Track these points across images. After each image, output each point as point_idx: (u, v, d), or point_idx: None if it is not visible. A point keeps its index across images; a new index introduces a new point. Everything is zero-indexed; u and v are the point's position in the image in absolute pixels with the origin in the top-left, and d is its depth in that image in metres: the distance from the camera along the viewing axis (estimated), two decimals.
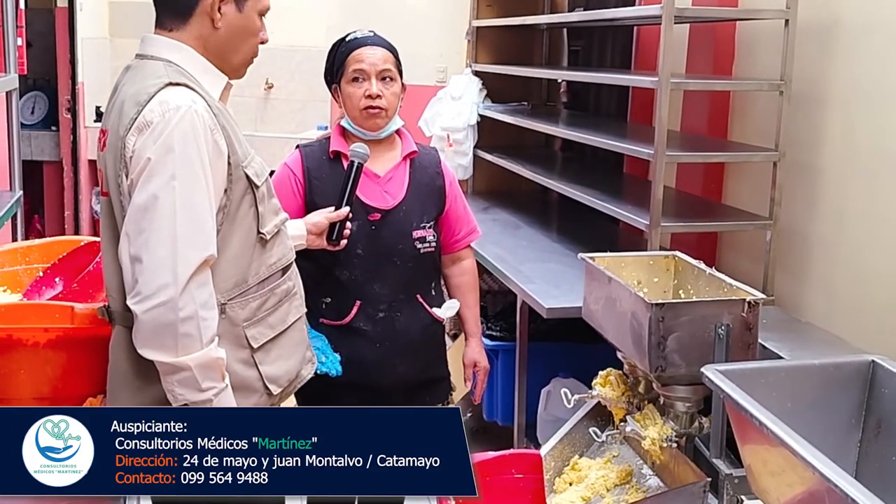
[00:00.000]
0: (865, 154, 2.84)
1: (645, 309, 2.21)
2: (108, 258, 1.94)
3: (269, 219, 1.97)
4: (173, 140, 1.77)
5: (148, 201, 1.76)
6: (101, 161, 1.91)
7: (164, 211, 1.76)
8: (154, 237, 1.75)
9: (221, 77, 1.96)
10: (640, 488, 2.40)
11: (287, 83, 6.23)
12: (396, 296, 2.56)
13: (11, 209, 2.79)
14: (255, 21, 1.97)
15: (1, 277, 2.60)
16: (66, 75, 5.78)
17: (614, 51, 4.79)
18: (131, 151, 1.80)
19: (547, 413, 3.57)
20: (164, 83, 1.82)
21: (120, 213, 1.85)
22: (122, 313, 1.91)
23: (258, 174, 1.94)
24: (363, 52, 2.55)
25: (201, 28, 1.91)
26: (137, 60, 1.94)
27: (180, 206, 1.76)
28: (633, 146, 3.26)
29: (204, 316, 1.78)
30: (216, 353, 1.82)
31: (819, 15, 3.05)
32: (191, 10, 1.90)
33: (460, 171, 4.90)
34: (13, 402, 2.17)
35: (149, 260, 1.75)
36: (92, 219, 6.11)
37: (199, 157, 1.79)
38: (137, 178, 1.78)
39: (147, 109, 1.80)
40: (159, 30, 1.94)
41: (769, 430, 1.63)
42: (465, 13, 5.36)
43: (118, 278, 1.89)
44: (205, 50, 1.93)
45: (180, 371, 1.78)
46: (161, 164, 1.76)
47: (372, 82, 2.53)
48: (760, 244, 3.16)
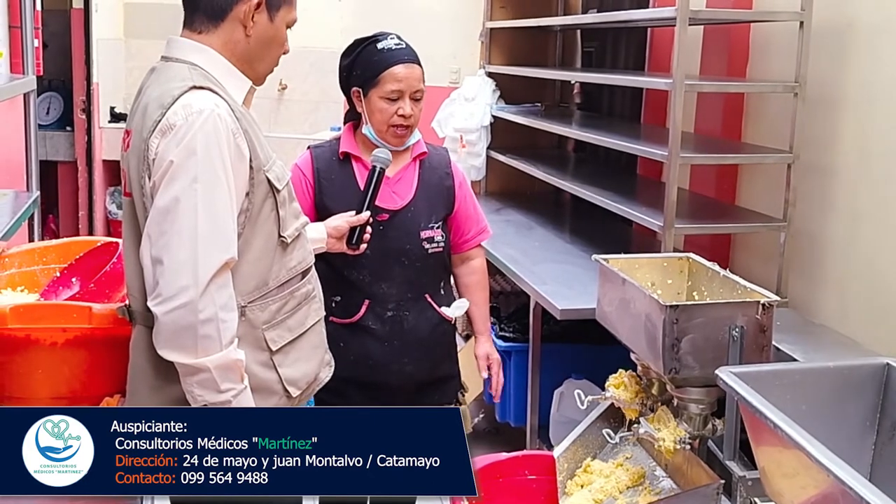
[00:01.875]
0: (880, 156, 2.83)
1: (659, 311, 2.21)
2: (129, 258, 1.95)
3: (289, 222, 1.98)
4: (196, 143, 1.78)
5: (170, 204, 1.77)
6: (125, 161, 1.92)
7: (185, 213, 1.77)
8: (175, 239, 1.76)
9: (245, 81, 1.97)
10: (652, 490, 2.40)
11: (300, 84, 6.24)
12: (404, 295, 2.58)
13: (29, 210, 2.81)
14: (282, 32, 1.98)
15: (18, 277, 2.61)
16: (81, 76, 5.80)
17: (628, 52, 4.79)
18: (154, 154, 1.81)
19: (560, 414, 3.57)
20: (188, 86, 1.83)
21: (142, 214, 1.86)
22: (143, 313, 1.92)
23: (279, 178, 1.95)
24: (401, 72, 2.52)
25: (232, 33, 1.93)
26: (162, 63, 1.95)
27: (202, 209, 1.77)
28: (646, 148, 3.26)
29: (223, 318, 1.79)
30: (235, 354, 1.83)
31: (834, 17, 3.04)
32: (224, 15, 1.92)
33: (473, 172, 4.91)
34: (31, 402, 2.19)
35: (170, 262, 1.76)
36: (106, 219, 6.14)
37: (221, 160, 1.80)
38: (160, 180, 1.79)
39: (171, 112, 1.80)
40: (187, 31, 1.95)
41: (784, 432, 1.62)
42: (479, 15, 5.37)
43: (139, 278, 1.90)
44: (231, 55, 1.94)
45: (200, 372, 1.80)
46: (183, 166, 1.77)
47: (406, 102, 2.53)
48: (774, 246, 3.15)
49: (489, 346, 2.81)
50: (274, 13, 1.95)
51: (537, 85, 5.07)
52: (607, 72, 4.53)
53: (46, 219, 5.92)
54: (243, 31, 1.92)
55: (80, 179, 5.99)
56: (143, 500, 1.59)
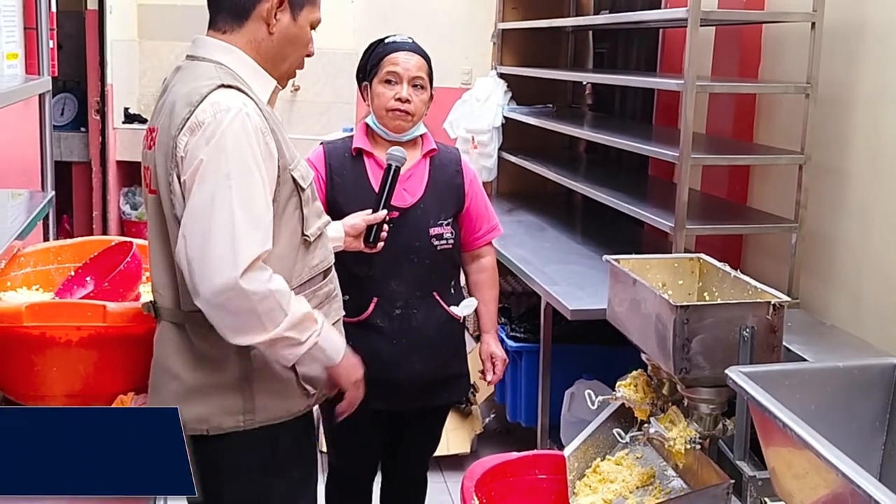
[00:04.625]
0: (892, 157, 2.83)
1: (669, 311, 2.21)
2: (155, 255, 1.97)
3: (312, 221, 2.00)
4: (226, 140, 1.79)
5: (205, 201, 1.78)
6: (149, 159, 1.94)
7: (221, 209, 1.78)
8: (213, 236, 1.77)
9: (270, 80, 1.99)
10: (663, 490, 2.41)
11: (313, 85, 6.25)
12: (413, 293, 2.60)
13: (44, 209, 2.83)
14: (306, 31, 2.01)
15: (34, 276, 2.64)
16: (95, 77, 5.83)
17: (640, 53, 4.79)
18: (183, 151, 1.82)
19: (570, 415, 3.57)
20: (216, 84, 1.85)
21: (169, 211, 1.88)
22: (170, 309, 1.95)
23: (304, 177, 1.97)
24: (399, 57, 2.60)
25: (256, 32, 1.95)
26: (188, 61, 1.97)
27: (237, 204, 1.78)
28: (658, 149, 3.26)
29: (274, 287, 1.81)
30: (299, 308, 1.87)
31: (845, 18, 3.04)
32: (247, 14, 1.94)
33: (485, 172, 4.91)
34: (46, 399, 2.21)
35: (209, 257, 1.77)
36: (120, 219, 6.16)
37: (252, 156, 1.82)
38: (191, 179, 1.80)
39: (199, 110, 1.82)
40: (212, 31, 1.97)
41: (794, 432, 1.63)
42: (491, 16, 5.38)
43: (167, 275, 1.92)
44: (256, 54, 1.96)
45: (280, 341, 1.85)
46: (215, 164, 1.79)
47: (403, 86, 2.58)
48: (786, 247, 3.15)
49: (495, 345, 2.83)
50: (297, 12, 1.97)
51: (549, 86, 5.08)
52: (619, 73, 4.53)
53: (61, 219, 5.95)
54: (266, 29, 1.94)
55: (94, 180, 6.01)
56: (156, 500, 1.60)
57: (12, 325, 2.15)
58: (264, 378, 1.96)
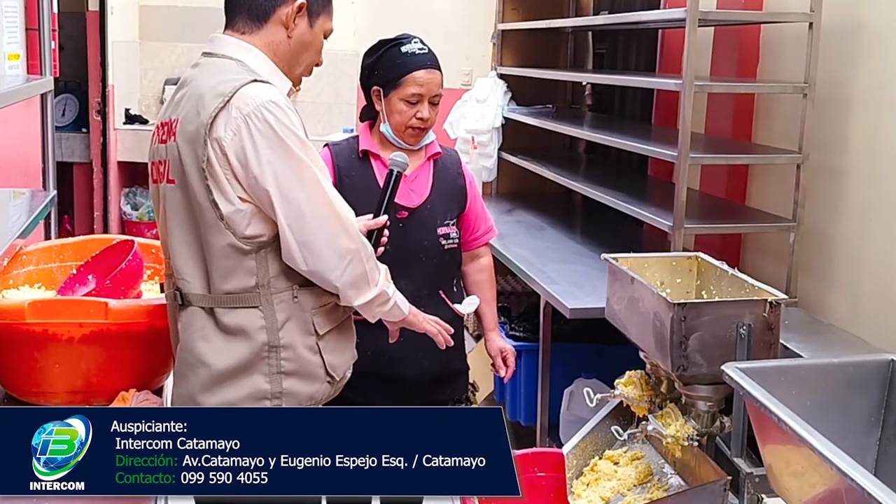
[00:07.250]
0: (889, 156, 2.84)
1: (667, 309, 2.22)
2: (178, 244, 1.98)
3: None
4: (283, 128, 1.89)
5: (293, 191, 1.90)
6: (166, 152, 1.96)
7: (315, 193, 1.92)
8: (318, 219, 1.92)
9: (287, 81, 2.03)
10: (661, 487, 2.42)
11: (313, 86, 6.26)
12: (420, 291, 2.61)
13: (46, 208, 2.85)
14: (320, 39, 2.06)
15: (36, 274, 2.65)
16: (96, 78, 5.84)
17: (639, 54, 4.80)
18: (222, 142, 1.86)
19: (570, 413, 3.58)
20: (249, 79, 1.90)
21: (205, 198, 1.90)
22: (200, 295, 1.97)
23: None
24: (422, 77, 2.60)
25: (275, 35, 1.99)
26: (205, 58, 2.00)
27: (322, 178, 1.94)
28: (657, 148, 3.27)
29: (370, 251, 2.05)
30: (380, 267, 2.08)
31: (843, 18, 3.05)
32: (267, 16, 1.97)
33: (485, 173, 4.93)
34: (48, 396, 2.23)
35: (325, 235, 1.93)
36: (120, 219, 6.18)
37: (304, 135, 1.93)
38: (259, 172, 1.87)
39: (238, 101, 1.87)
40: (230, 31, 2.00)
41: (790, 427, 1.63)
42: (491, 16, 5.39)
43: (193, 262, 1.95)
44: (273, 55, 2.00)
45: (378, 297, 2.05)
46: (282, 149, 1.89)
47: (425, 105, 2.61)
48: (784, 246, 3.16)
49: (501, 340, 2.87)
50: (314, 19, 2.02)
51: (549, 86, 5.09)
52: (618, 73, 4.55)
53: (62, 219, 5.97)
54: (285, 32, 1.98)
55: (95, 180, 6.03)
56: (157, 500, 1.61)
57: (15, 321, 2.16)
58: (291, 363, 1.98)
